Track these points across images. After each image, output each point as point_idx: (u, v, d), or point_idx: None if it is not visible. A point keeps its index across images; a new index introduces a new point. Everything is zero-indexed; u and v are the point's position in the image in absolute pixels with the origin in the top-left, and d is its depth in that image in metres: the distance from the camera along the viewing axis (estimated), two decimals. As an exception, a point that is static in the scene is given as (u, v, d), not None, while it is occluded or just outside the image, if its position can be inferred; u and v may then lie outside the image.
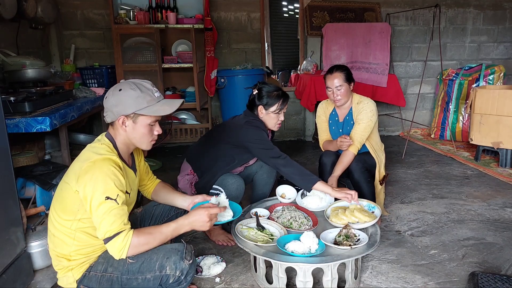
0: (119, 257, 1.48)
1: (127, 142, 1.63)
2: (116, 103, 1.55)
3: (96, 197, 1.44)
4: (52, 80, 3.40)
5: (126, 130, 1.59)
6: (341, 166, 2.55)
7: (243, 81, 4.37)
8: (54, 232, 1.60)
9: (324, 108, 2.82)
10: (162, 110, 1.58)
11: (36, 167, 2.54)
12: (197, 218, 1.61)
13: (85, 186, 1.45)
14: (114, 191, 1.46)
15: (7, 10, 3.00)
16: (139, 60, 4.14)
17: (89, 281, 1.59)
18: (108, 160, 1.50)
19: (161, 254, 1.56)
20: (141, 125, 1.58)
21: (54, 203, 1.62)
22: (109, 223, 1.44)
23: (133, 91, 1.55)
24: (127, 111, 1.55)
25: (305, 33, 4.97)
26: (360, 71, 4.70)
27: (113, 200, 1.45)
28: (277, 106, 2.39)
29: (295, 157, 4.39)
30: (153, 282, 1.56)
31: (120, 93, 1.56)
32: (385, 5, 5.04)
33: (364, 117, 2.58)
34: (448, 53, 5.24)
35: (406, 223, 2.73)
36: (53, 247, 1.62)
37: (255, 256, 1.98)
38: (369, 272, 2.13)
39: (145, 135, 1.61)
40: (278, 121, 2.45)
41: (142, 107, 1.55)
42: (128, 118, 1.56)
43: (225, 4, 4.74)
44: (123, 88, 1.57)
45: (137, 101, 1.54)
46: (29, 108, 2.43)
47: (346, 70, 2.60)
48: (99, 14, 4.51)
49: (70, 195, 1.52)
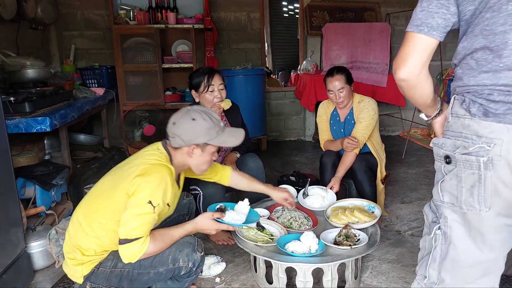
0: (129, 261, 1.49)
1: (184, 164, 1.70)
2: (189, 131, 1.60)
3: (141, 196, 1.48)
4: (52, 80, 3.40)
5: (192, 157, 1.65)
6: (344, 167, 2.54)
7: (243, 81, 4.37)
8: (83, 222, 1.60)
9: (325, 108, 2.81)
10: (229, 141, 1.68)
11: (36, 167, 2.54)
12: (205, 223, 1.66)
13: (138, 185, 1.49)
14: (158, 200, 1.50)
15: (7, 11, 3.00)
16: (139, 60, 4.14)
17: (97, 278, 1.60)
18: (167, 169, 1.57)
19: (173, 248, 1.59)
20: (207, 154, 1.66)
21: (97, 196, 1.63)
22: (136, 225, 1.46)
23: (205, 122, 1.61)
24: (199, 140, 1.61)
25: (305, 33, 4.97)
26: (360, 71, 4.70)
27: (153, 207, 1.49)
28: (204, 84, 2.31)
29: (295, 157, 4.40)
30: (165, 275, 1.59)
31: (193, 122, 1.60)
32: (385, 5, 5.04)
33: (365, 116, 2.58)
34: (448, 53, 5.23)
35: (406, 223, 2.73)
36: (74, 236, 1.62)
37: (255, 256, 1.98)
38: (369, 272, 2.13)
39: (208, 162, 1.70)
40: (215, 99, 2.35)
41: (212, 137, 1.62)
42: (199, 148, 1.63)
43: (225, 4, 4.74)
44: (196, 118, 1.61)
45: (209, 132, 1.61)
46: (29, 109, 2.43)
47: (346, 71, 2.60)
48: (99, 14, 4.50)
49: (118, 194, 1.54)
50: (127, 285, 1.60)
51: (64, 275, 2.02)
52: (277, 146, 4.86)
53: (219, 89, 2.36)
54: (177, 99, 4.41)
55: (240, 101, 2.80)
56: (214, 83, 2.34)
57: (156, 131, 3.91)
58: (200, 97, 2.35)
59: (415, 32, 1.10)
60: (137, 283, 1.60)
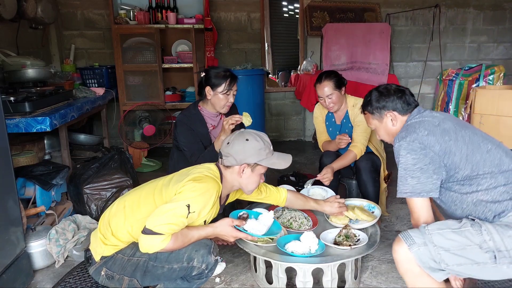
0: (146, 251, 1.52)
1: (233, 185, 1.76)
2: (242, 151, 1.66)
3: (183, 195, 1.53)
4: (52, 80, 3.40)
5: (242, 176, 1.70)
6: (341, 163, 2.53)
7: (243, 81, 4.34)
8: (127, 207, 1.64)
9: (320, 109, 2.81)
10: (278, 163, 1.73)
11: (36, 167, 2.54)
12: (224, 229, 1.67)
13: (186, 186, 1.56)
14: (196, 208, 1.55)
15: (7, 10, 3.00)
16: (139, 60, 4.14)
17: (114, 264, 1.62)
18: (216, 183, 1.64)
19: (190, 246, 1.60)
20: (256, 174, 1.72)
21: (150, 190, 1.66)
22: (164, 222, 1.49)
23: (257, 143, 1.68)
24: (250, 160, 1.67)
25: (305, 33, 4.97)
26: (360, 71, 4.70)
27: (187, 212, 1.51)
28: (224, 86, 2.31)
29: (295, 157, 4.39)
30: (178, 273, 1.60)
31: (247, 143, 1.67)
32: (385, 5, 5.04)
33: (362, 119, 2.57)
34: (448, 53, 5.24)
35: (406, 223, 2.73)
36: (113, 214, 1.66)
37: (255, 256, 1.98)
38: (369, 272, 2.13)
39: (256, 182, 1.75)
40: (228, 103, 2.36)
41: (262, 158, 1.68)
42: (248, 167, 1.69)
43: (225, 4, 4.74)
44: (249, 139, 1.68)
45: (259, 153, 1.68)
46: (29, 108, 2.43)
47: (335, 76, 2.58)
48: (99, 14, 4.51)
49: (167, 194, 1.59)
50: (139, 277, 1.62)
51: (64, 275, 2.02)
52: (277, 146, 4.84)
53: (233, 94, 2.39)
54: (177, 99, 4.41)
55: (240, 101, 2.80)
56: (232, 89, 2.37)
57: (156, 131, 3.91)
58: (214, 95, 2.35)
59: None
60: (149, 276, 1.61)
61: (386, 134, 1.79)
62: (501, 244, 1.36)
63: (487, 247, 1.37)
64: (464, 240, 1.39)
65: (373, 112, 1.75)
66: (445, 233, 1.41)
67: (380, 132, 1.80)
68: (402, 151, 1.54)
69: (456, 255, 1.39)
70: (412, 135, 1.53)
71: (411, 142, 1.52)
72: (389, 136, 1.77)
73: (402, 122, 1.69)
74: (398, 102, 1.69)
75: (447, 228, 1.42)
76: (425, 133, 1.52)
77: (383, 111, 1.72)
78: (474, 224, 1.42)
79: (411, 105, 1.70)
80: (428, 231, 1.43)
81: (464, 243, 1.39)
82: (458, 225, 1.44)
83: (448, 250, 1.40)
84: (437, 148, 1.49)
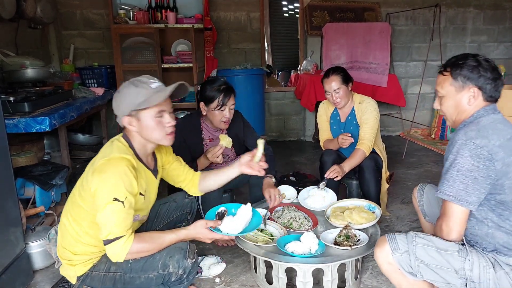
0: (116, 260, 1.49)
1: (142, 141, 1.60)
2: (117, 105, 1.55)
3: (104, 196, 1.44)
4: (51, 80, 3.40)
5: (136, 130, 1.56)
6: (350, 163, 2.50)
7: (243, 81, 4.36)
8: (66, 223, 1.60)
9: (325, 108, 2.81)
10: (155, 98, 1.51)
11: (36, 167, 2.53)
12: (199, 231, 1.62)
13: (97, 183, 1.44)
14: (123, 193, 1.45)
15: (6, 10, 2.99)
16: (138, 60, 4.13)
17: (92, 281, 1.59)
18: (122, 160, 1.48)
19: (164, 253, 1.56)
20: (145, 120, 1.53)
21: (73, 197, 1.60)
22: (113, 225, 1.44)
23: (127, 89, 1.53)
24: (126, 111, 1.53)
25: (305, 33, 4.97)
26: (360, 71, 4.69)
27: (121, 203, 1.44)
28: (217, 101, 2.20)
29: (295, 157, 4.39)
30: (155, 281, 1.57)
31: (118, 95, 1.55)
32: (385, 5, 5.03)
33: (369, 116, 2.58)
34: (448, 53, 5.22)
35: (406, 223, 2.72)
36: (60, 236, 1.62)
37: (255, 257, 1.97)
38: (369, 273, 2.13)
39: (155, 129, 1.55)
40: (223, 118, 2.25)
41: (138, 102, 1.50)
42: (132, 117, 1.54)
43: (225, 4, 4.73)
44: (120, 89, 1.57)
45: (134, 98, 1.51)
46: (28, 108, 2.42)
47: (343, 71, 2.58)
48: (99, 14, 4.50)
49: (85, 193, 1.52)
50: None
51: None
52: (277, 146, 4.85)
53: (229, 109, 2.27)
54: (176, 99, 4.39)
55: (240, 101, 2.79)
56: (228, 103, 2.24)
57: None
58: (208, 111, 2.26)
59: None
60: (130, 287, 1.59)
61: (453, 107, 1.51)
62: (477, 277, 1.37)
63: (463, 274, 1.38)
64: (444, 262, 1.39)
65: (457, 78, 1.46)
66: (429, 250, 1.40)
67: (448, 102, 1.51)
68: (466, 151, 1.36)
69: (432, 271, 1.41)
70: (483, 139, 1.36)
71: (480, 147, 1.35)
72: (454, 111, 1.52)
73: (478, 107, 1.47)
74: (490, 84, 1.44)
75: (433, 246, 1.41)
76: (497, 144, 1.36)
77: (469, 82, 1.45)
78: (461, 250, 1.40)
79: (496, 96, 1.48)
80: (414, 242, 1.42)
81: (443, 264, 1.39)
82: (444, 246, 1.41)
83: (427, 265, 1.41)
84: (499, 166, 1.35)
